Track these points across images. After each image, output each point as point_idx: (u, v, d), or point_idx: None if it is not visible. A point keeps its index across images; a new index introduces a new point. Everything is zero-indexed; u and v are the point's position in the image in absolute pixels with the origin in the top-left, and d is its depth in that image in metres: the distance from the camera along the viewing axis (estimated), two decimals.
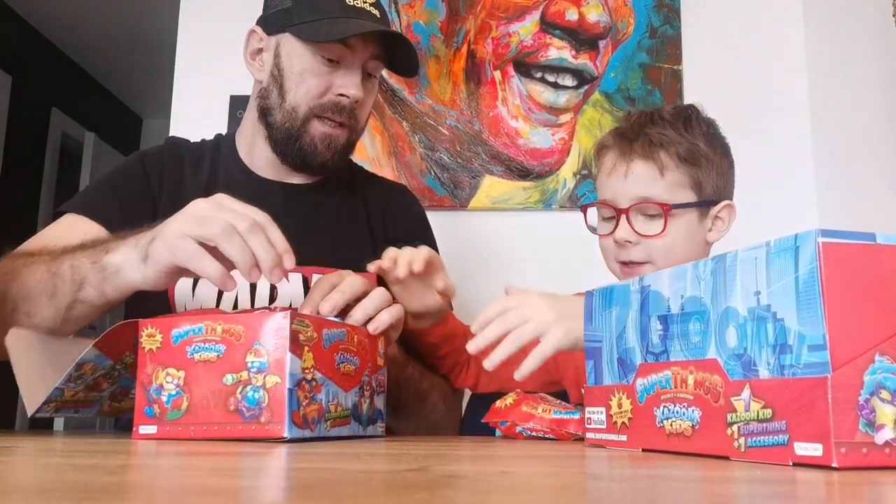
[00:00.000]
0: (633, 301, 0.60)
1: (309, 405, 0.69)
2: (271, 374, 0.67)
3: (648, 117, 1.02)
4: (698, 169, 0.99)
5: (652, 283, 0.58)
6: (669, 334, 0.55)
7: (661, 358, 0.56)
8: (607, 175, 1.01)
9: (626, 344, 0.60)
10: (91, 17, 3.86)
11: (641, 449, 0.57)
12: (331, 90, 1.04)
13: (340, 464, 0.49)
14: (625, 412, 0.59)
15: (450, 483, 0.37)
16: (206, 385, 0.68)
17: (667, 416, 0.54)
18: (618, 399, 0.61)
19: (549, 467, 0.49)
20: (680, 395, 0.53)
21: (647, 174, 0.98)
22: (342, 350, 0.75)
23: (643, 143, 0.98)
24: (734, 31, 1.87)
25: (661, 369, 0.55)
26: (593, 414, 0.65)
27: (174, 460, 0.52)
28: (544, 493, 0.34)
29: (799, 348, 0.44)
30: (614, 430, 0.61)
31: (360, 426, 0.77)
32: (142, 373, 0.70)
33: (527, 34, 1.83)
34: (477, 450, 0.65)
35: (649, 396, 0.56)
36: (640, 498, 0.33)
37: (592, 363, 0.66)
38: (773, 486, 0.38)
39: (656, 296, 0.57)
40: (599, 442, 0.64)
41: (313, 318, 0.72)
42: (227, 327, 0.68)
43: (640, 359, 0.58)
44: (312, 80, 1.04)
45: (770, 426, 0.45)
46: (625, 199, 0.98)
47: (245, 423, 0.66)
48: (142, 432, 0.69)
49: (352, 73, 1.04)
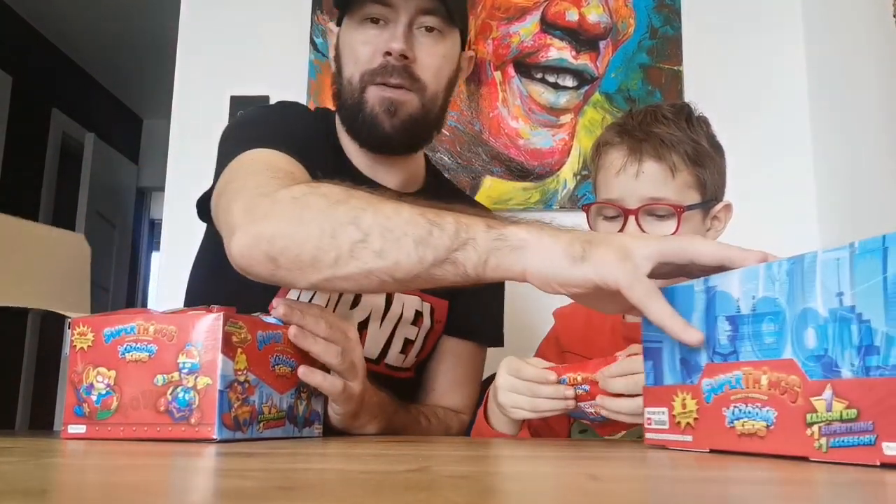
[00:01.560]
0: (697, 302, 0.60)
1: (241, 407, 0.69)
2: (202, 376, 0.66)
3: (652, 115, 1.00)
4: (703, 169, 0.98)
5: (719, 283, 0.58)
6: (739, 335, 0.55)
7: (730, 358, 0.56)
8: (615, 174, 0.98)
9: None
10: (91, 17, 3.86)
11: (709, 449, 0.57)
12: (378, 53, 0.99)
13: (341, 464, 0.49)
14: (689, 412, 0.59)
15: (450, 483, 0.37)
16: (137, 385, 0.67)
17: (738, 416, 0.54)
18: (681, 399, 0.60)
19: (549, 467, 0.49)
20: (752, 396, 0.53)
21: (659, 174, 0.96)
22: (278, 352, 0.74)
23: (654, 142, 0.96)
24: (734, 31, 1.87)
25: (731, 369, 0.55)
26: (654, 414, 0.64)
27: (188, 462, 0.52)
28: (549, 492, 0.34)
29: (888, 349, 0.43)
30: (678, 431, 0.61)
31: (296, 428, 0.77)
32: (72, 371, 0.69)
33: (527, 35, 1.82)
34: (477, 450, 0.65)
35: (717, 396, 0.56)
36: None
37: (651, 363, 0.65)
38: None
39: (724, 296, 0.57)
40: (661, 442, 0.63)
41: (247, 319, 0.71)
42: (160, 327, 0.68)
43: (707, 359, 0.58)
44: (360, 48, 1.01)
45: (855, 426, 0.45)
46: (634, 199, 0.96)
47: (175, 423, 0.66)
48: (71, 432, 0.69)
49: (395, 29, 0.99)
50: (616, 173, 0.97)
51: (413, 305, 1.05)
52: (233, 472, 0.43)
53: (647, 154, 0.96)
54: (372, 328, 1.02)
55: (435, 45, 1.02)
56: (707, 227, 1.01)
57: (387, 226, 0.71)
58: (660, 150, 0.96)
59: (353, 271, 0.72)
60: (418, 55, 1.00)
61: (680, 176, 0.96)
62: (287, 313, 0.75)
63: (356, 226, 0.72)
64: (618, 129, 1.01)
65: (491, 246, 0.68)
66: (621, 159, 0.98)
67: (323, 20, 1.90)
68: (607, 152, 1.01)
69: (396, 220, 0.72)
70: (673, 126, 0.98)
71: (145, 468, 0.46)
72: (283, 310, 0.75)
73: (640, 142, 0.97)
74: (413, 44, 1.00)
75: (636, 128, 0.99)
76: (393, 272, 0.71)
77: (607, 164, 1.00)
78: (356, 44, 1.01)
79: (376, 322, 1.03)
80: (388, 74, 0.99)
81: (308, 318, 0.77)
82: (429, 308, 1.08)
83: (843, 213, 1.68)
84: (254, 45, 1.94)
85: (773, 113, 1.83)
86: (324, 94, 1.86)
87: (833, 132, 1.73)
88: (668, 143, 0.96)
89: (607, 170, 1.00)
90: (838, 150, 1.70)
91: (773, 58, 1.85)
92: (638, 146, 0.97)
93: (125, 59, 4.26)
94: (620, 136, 1.00)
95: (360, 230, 0.72)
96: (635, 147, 0.97)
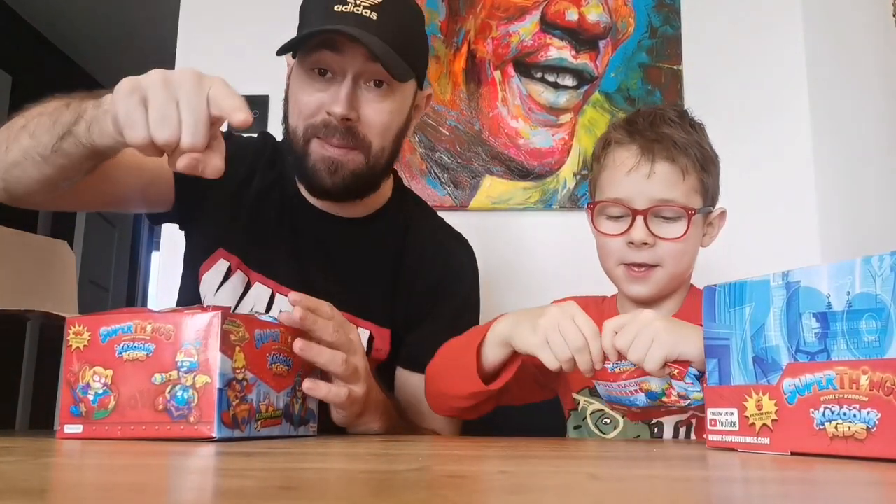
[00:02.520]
0: (774, 297, 0.58)
1: (239, 405, 0.69)
2: (201, 374, 0.66)
3: (660, 117, 0.99)
4: (707, 174, 0.98)
5: (802, 278, 0.56)
6: (831, 332, 0.53)
7: (819, 357, 0.54)
8: (625, 173, 0.96)
9: (767, 342, 0.58)
10: (91, 17, 3.86)
11: (790, 452, 0.55)
12: (322, 108, 0.96)
13: (341, 463, 0.49)
14: (767, 413, 0.57)
15: (450, 483, 0.37)
16: (135, 384, 0.67)
17: (829, 418, 0.52)
18: (756, 400, 0.58)
19: (549, 467, 0.49)
20: (849, 397, 0.51)
21: (671, 176, 0.95)
22: (275, 350, 0.75)
23: (667, 144, 0.95)
24: (734, 31, 1.87)
25: (820, 369, 0.53)
26: (720, 415, 0.62)
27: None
28: (549, 492, 0.34)
29: None
30: (751, 433, 0.59)
31: (292, 426, 0.77)
32: (67, 371, 0.69)
33: (527, 34, 1.82)
34: (477, 450, 0.65)
35: (803, 397, 0.54)
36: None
37: (716, 362, 0.63)
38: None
39: (810, 292, 0.55)
40: (729, 445, 0.61)
41: (245, 317, 0.71)
42: (157, 326, 0.68)
43: (788, 358, 0.56)
44: (303, 97, 0.97)
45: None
46: (644, 199, 0.95)
47: (173, 422, 0.66)
48: (67, 431, 0.69)
49: (339, 86, 0.95)
50: (627, 172, 0.96)
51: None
52: (233, 472, 0.43)
53: (659, 155, 0.95)
54: None
55: (382, 102, 0.97)
56: (703, 232, 1.01)
57: (40, 111, 0.86)
58: (672, 151, 0.95)
59: (15, 153, 0.86)
60: (363, 113, 0.96)
61: (689, 179, 0.96)
62: (304, 317, 0.77)
63: (24, 117, 0.88)
64: (627, 129, 0.99)
65: (93, 114, 0.79)
66: (633, 159, 0.96)
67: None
68: (616, 150, 0.99)
69: (49, 108, 0.85)
70: (681, 129, 0.97)
71: (145, 468, 0.46)
72: (300, 313, 0.77)
73: (653, 142, 0.96)
74: (359, 101, 0.96)
75: (647, 128, 0.97)
76: (38, 149, 0.84)
77: (617, 162, 0.98)
78: (301, 94, 0.98)
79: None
80: (330, 134, 0.96)
81: (319, 321, 0.78)
82: (367, 335, 1.05)
83: (843, 213, 1.68)
84: (254, 45, 1.94)
85: (772, 112, 1.83)
86: None
87: (833, 131, 1.73)
88: (680, 145, 0.95)
89: (616, 168, 0.98)
90: (838, 149, 1.70)
91: (773, 57, 1.85)
92: (650, 146, 0.96)
93: (125, 59, 4.25)
94: (631, 136, 0.98)
95: (24, 119, 0.87)
96: (648, 147, 0.96)
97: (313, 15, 0.98)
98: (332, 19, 0.94)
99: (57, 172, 0.86)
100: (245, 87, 1.97)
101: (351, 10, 0.94)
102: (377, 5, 0.95)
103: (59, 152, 0.83)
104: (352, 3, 0.94)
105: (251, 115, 0.73)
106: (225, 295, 1.03)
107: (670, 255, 0.96)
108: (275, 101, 1.92)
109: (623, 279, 0.99)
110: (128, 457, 0.53)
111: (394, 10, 0.97)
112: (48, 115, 0.84)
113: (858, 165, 1.61)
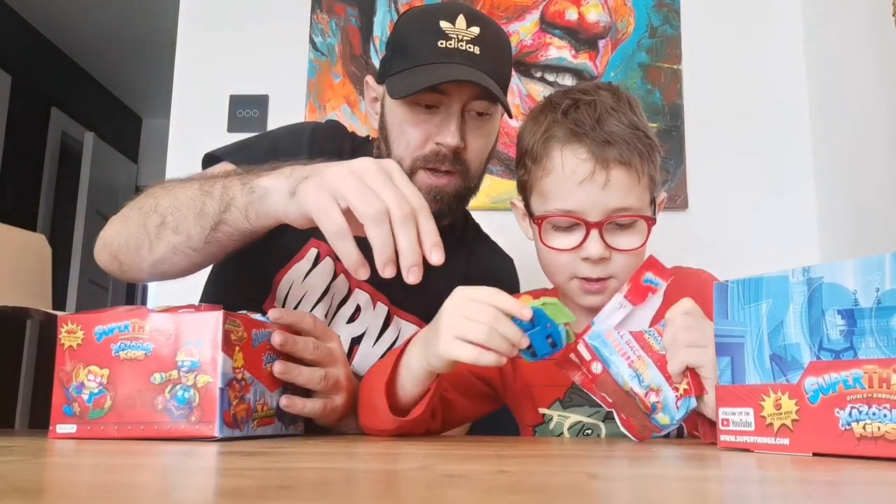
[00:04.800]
0: (794, 294, 0.56)
1: (239, 405, 0.69)
2: (203, 374, 0.66)
3: (603, 109, 0.87)
4: (654, 165, 0.89)
5: (825, 274, 0.54)
6: (858, 330, 0.51)
7: (845, 355, 0.52)
8: (577, 184, 0.85)
9: (786, 340, 0.57)
10: (91, 17, 3.86)
11: (812, 453, 0.54)
12: (431, 139, 0.99)
13: (340, 463, 0.49)
14: (786, 413, 0.55)
15: (450, 483, 0.37)
16: (132, 384, 0.67)
17: (857, 417, 0.50)
18: (774, 399, 0.56)
19: (549, 467, 0.49)
20: (878, 396, 0.49)
21: (627, 182, 0.85)
22: (268, 350, 0.75)
23: (620, 146, 0.85)
24: (734, 31, 1.87)
25: (846, 367, 0.52)
26: (733, 415, 0.60)
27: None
28: (549, 492, 0.34)
29: None
30: (769, 433, 0.57)
31: (283, 425, 0.78)
32: (60, 370, 0.68)
33: (526, 34, 1.82)
34: (477, 450, 0.65)
35: (826, 397, 0.53)
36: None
37: (729, 360, 0.61)
38: None
39: (834, 288, 0.53)
40: (744, 445, 0.59)
41: (243, 317, 0.71)
42: (156, 326, 0.67)
43: (811, 356, 0.54)
44: (411, 131, 0.99)
45: None
46: (598, 211, 0.85)
47: (174, 422, 0.66)
48: (59, 431, 0.68)
49: (448, 119, 0.98)
50: (580, 183, 0.85)
51: (411, 331, 1.03)
52: (232, 472, 0.43)
53: (613, 161, 0.85)
54: (364, 346, 1.02)
55: (483, 128, 1.02)
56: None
57: (176, 205, 0.84)
58: (626, 153, 0.85)
59: (162, 250, 0.85)
60: (469, 141, 1.00)
61: (643, 180, 0.87)
62: (283, 342, 0.77)
63: (156, 212, 0.85)
64: (571, 128, 0.87)
65: (247, 200, 0.79)
66: (584, 166, 0.85)
67: (323, 19, 1.90)
68: (562, 154, 0.87)
69: (182, 198, 0.84)
70: (623, 117, 0.87)
71: (144, 467, 0.46)
72: (279, 339, 0.77)
73: (604, 145, 0.85)
74: (465, 130, 0.99)
75: (594, 126, 0.86)
76: (189, 243, 0.84)
77: (567, 170, 0.86)
78: (407, 125, 0.99)
79: (370, 340, 1.03)
80: (439, 162, 0.99)
81: (299, 342, 0.79)
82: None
83: (842, 211, 1.68)
84: (253, 45, 1.94)
85: (772, 111, 1.83)
86: (323, 93, 1.86)
87: (832, 130, 1.73)
88: (631, 143, 0.85)
89: (566, 177, 0.86)
90: (838, 147, 1.70)
91: (772, 57, 1.85)
92: (602, 152, 0.85)
93: (125, 58, 4.25)
94: (578, 137, 0.86)
95: (159, 215, 0.85)
96: (599, 153, 0.85)
97: (417, 50, 0.98)
98: (440, 55, 0.96)
99: (207, 259, 0.87)
100: (244, 86, 1.97)
101: (455, 47, 0.96)
102: (477, 38, 0.97)
103: (211, 242, 0.83)
104: (455, 37, 0.97)
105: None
106: (316, 278, 1.02)
107: (625, 268, 0.87)
108: (274, 101, 1.92)
109: (577, 293, 0.90)
110: (126, 456, 0.53)
111: (492, 41, 1.00)
112: (186, 207, 0.83)
113: (858, 165, 1.61)
